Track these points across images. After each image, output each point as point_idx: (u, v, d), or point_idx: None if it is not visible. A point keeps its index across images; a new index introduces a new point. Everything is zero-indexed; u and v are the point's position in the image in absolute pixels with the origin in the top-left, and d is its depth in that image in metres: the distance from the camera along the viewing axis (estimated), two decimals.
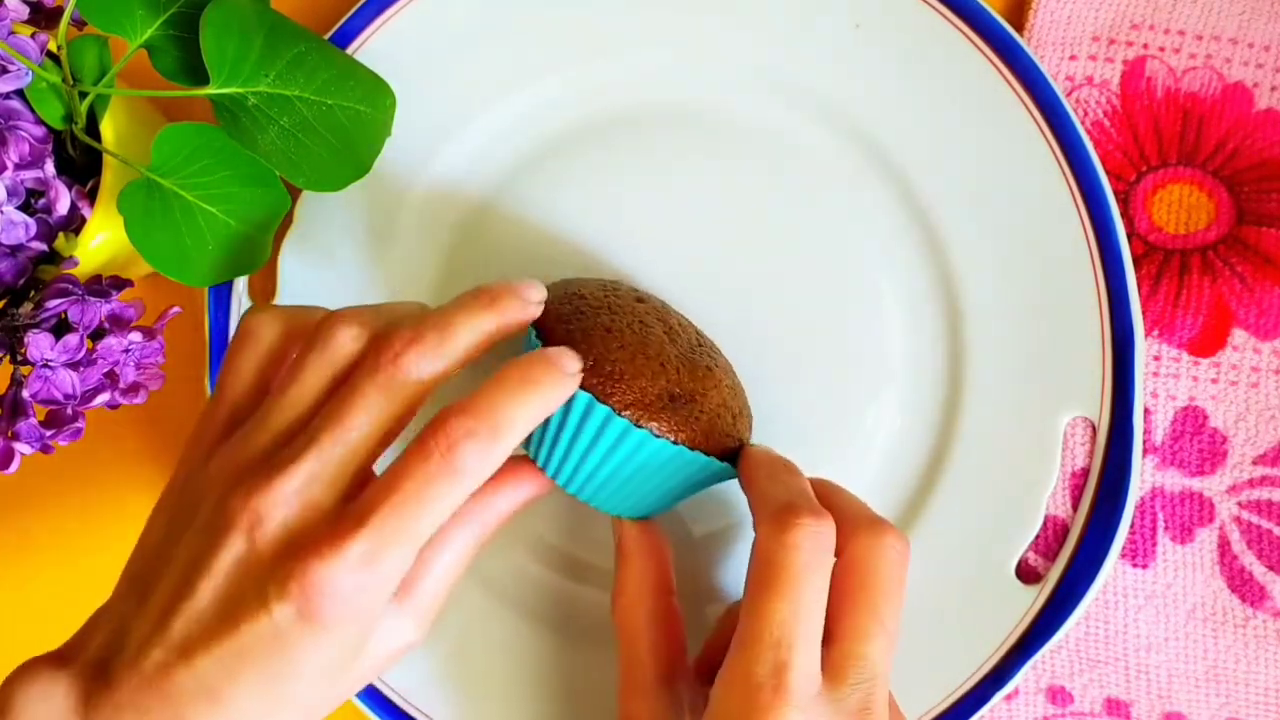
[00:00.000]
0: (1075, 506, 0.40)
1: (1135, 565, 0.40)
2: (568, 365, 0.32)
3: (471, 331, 0.31)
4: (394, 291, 0.41)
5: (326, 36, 0.40)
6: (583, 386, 0.32)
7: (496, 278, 0.41)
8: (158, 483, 0.43)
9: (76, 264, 0.35)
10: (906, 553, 0.32)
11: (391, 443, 0.31)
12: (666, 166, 0.41)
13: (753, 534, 0.32)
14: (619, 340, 0.34)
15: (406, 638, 0.31)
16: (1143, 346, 0.39)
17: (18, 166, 0.34)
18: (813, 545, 0.30)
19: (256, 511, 0.28)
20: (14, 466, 0.34)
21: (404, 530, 0.28)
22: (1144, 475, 0.41)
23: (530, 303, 0.33)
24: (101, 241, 0.36)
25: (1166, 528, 0.40)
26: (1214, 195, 0.41)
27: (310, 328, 0.32)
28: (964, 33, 0.40)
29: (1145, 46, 0.42)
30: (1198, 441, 0.41)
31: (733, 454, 0.35)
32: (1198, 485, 0.41)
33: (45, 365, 0.33)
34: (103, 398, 0.35)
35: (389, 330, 0.31)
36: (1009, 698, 0.41)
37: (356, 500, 0.29)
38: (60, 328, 0.34)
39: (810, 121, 0.41)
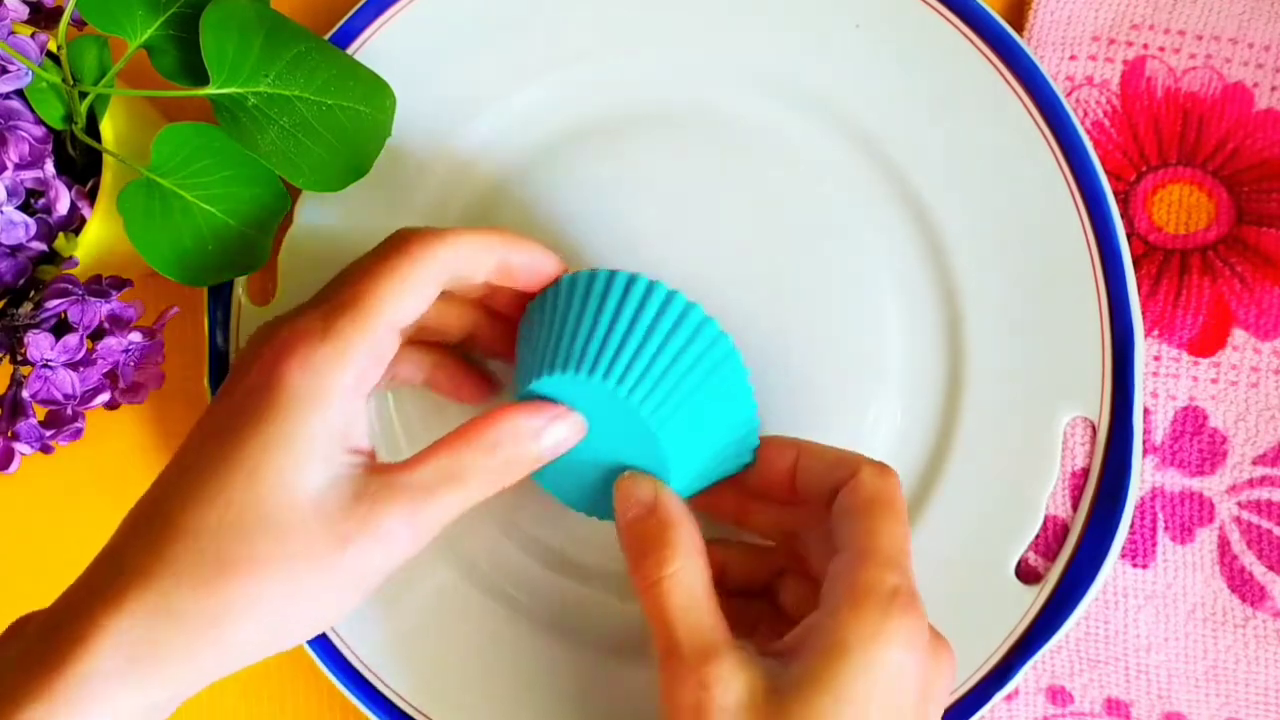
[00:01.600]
0: (1075, 506, 0.40)
1: (1135, 565, 0.41)
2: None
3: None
4: None
5: (326, 36, 0.40)
6: None
7: None
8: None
9: (76, 264, 0.35)
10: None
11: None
12: (665, 167, 0.41)
13: None
14: None
15: (400, 539, 0.31)
16: (1143, 346, 0.39)
17: (18, 166, 0.34)
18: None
19: None
20: (14, 466, 0.34)
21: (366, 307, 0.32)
22: (1144, 475, 0.41)
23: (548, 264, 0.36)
24: (101, 241, 0.36)
25: (1166, 528, 0.40)
26: (1214, 195, 0.41)
27: None
28: (964, 33, 0.40)
29: (1145, 46, 0.42)
30: (1198, 441, 0.41)
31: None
32: (1198, 485, 0.41)
33: (45, 365, 0.33)
34: (103, 398, 0.35)
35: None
36: (1009, 698, 0.41)
37: None
38: (60, 328, 0.34)
39: (809, 121, 0.41)
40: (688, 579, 0.32)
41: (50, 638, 0.29)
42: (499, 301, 0.37)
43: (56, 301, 0.34)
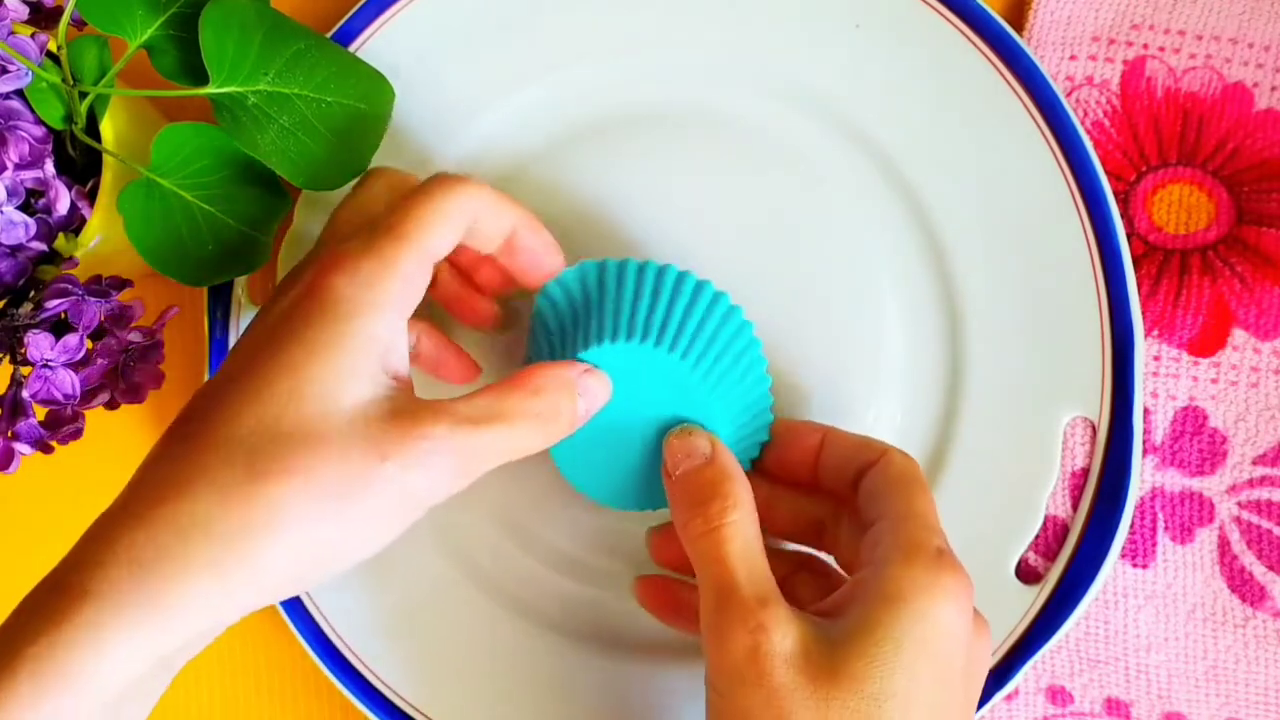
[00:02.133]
0: (1075, 506, 0.40)
1: (1135, 565, 0.40)
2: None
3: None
4: None
5: (327, 36, 0.40)
6: None
7: None
8: None
9: (76, 264, 0.35)
10: None
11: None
12: (665, 167, 0.41)
13: None
14: None
15: (442, 466, 0.30)
16: (1142, 346, 0.39)
17: (18, 166, 0.34)
18: None
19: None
20: (14, 466, 0.34)
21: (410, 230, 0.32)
22: (1144, 475, 0.41)
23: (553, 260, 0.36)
24: (101, 241, 0.36)
25: (1166, 528, 0.40)
26: (1214, 195, 0.41)
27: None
28: (964, 33, 0.40)
29: (1145, 46, 0.42)
30: (1198, 441, 0.41)
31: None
32: (1198, 485, 0.41)
33: (45, 365, 0.33)
34: (102, 398, 0.35)
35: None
36: (1009, 698, 0.41)
37: None
38: (60, 328, 0.34)
39: (809, 121, 0.41)
40: (746, 529, 0.32)
41: (70, 561, 0.28)
42: (465, 260, 0.37)
43: (56, 301, 0.34)
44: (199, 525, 0.27)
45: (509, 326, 0.40)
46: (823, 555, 0.37)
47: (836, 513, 0.36)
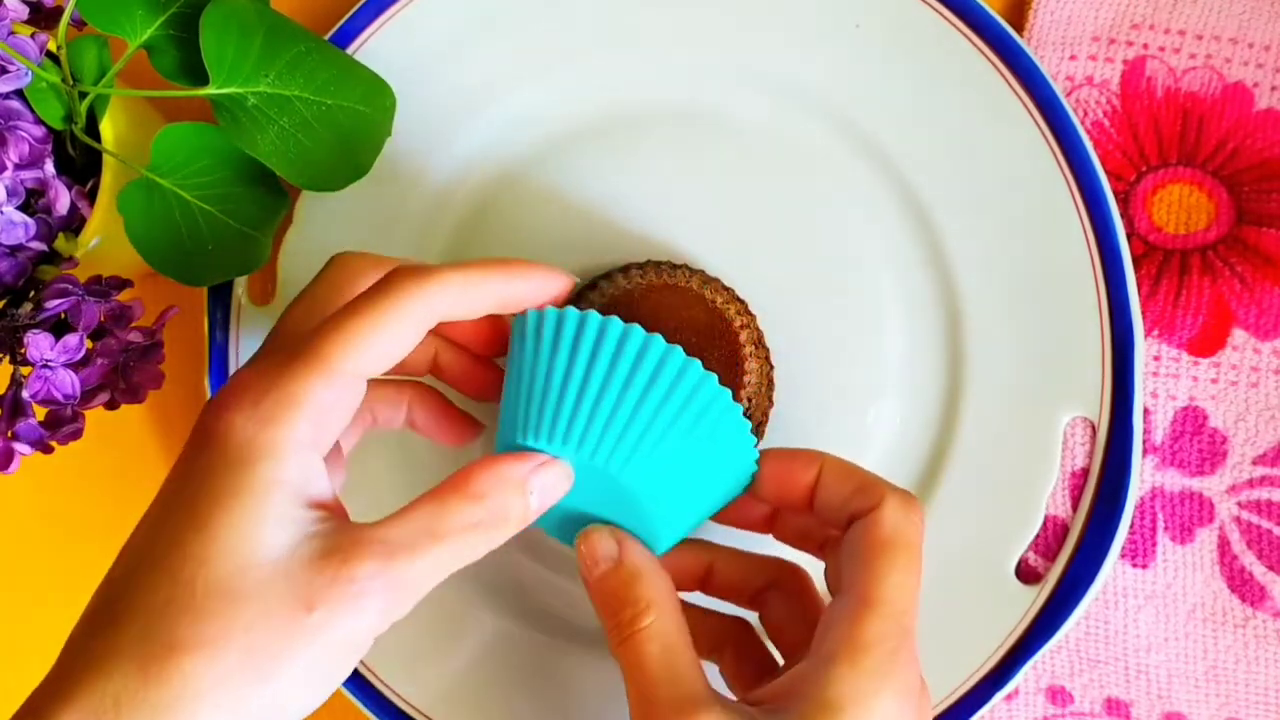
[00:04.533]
0: (1075, 506, 0.40)
1: (1135, 565, 0.40)
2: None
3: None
4: None
5: (326, 37, 0.40)
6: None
7: None
8: (157, 482, 0.43)
9: (76, 264, 0.35)
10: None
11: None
12: (664, 167, 0.41)
13: None
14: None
15: (374, 603, 0.27)
16: (1142, 346, 0.39)
17: (18, 166, 0.34)
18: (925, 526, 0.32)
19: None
20: (14, 467, 0.34)
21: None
22: (1144, 475, 0.41)
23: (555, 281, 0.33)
24: (101, 241, 0.36)
25: (1166, 528, 0.40)
26: (1214, 195, 0.41)
27: None
28: (964, 33, 0.40)
29: (1145, 46, 0.42)
30: (1198, 441, 0.41)
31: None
32: (1198, 485, 0.41)
33: (45, 365, 0.33)
34: (102, 398, 0.35)
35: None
36: (1009, 698, 0.41)
37: None
38: (60, 328, 0.34)
39: (808, 121, 0.41)
40: (663, 630, 0.31)
41: None
42: (457, 333, 0.35)
43: (56, 301, 0.34)
44: (121, 704, 0.26)
45: None
46: (760, 629, 0.35)
47: (833, 541, 0.34)
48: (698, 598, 0.35)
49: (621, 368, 0.30)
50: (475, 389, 0.35)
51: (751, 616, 0.35)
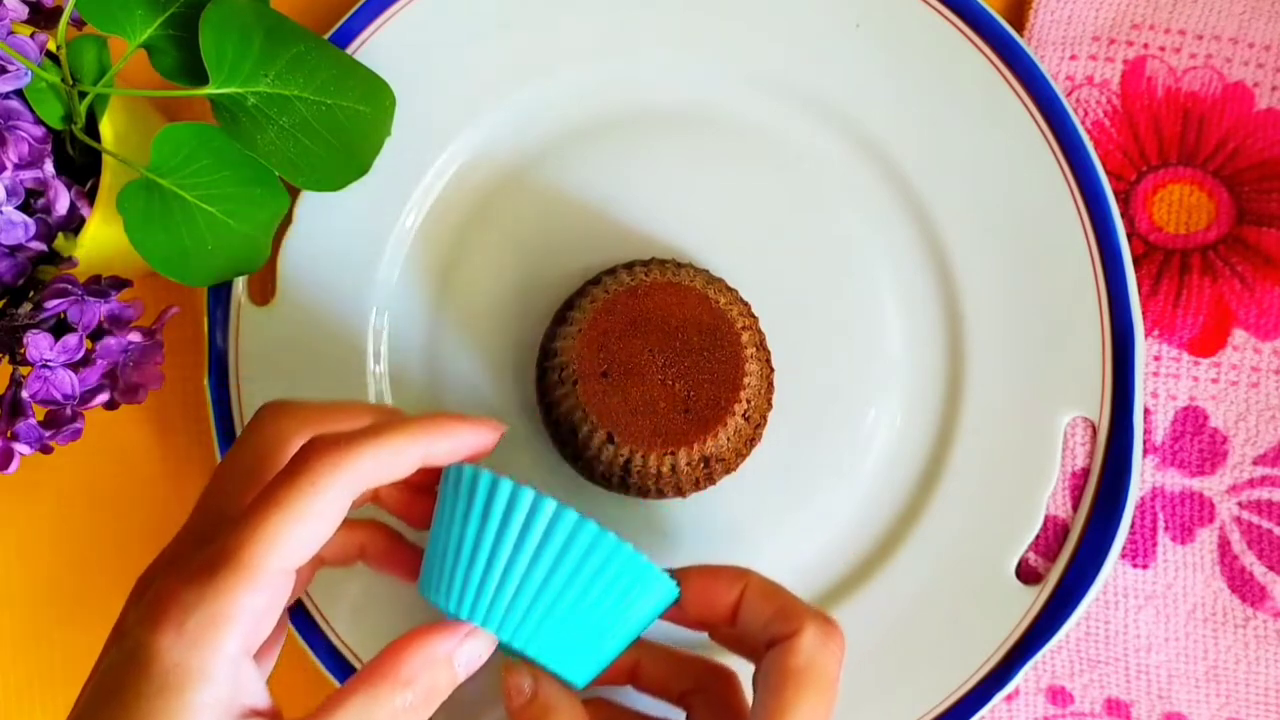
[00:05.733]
0: (1075, 506, 0.40)
1: (1135, 565, 0.40)
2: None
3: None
4: (394, 293, 0.41)
5: (326, 36, 0.40)
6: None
7: (496, 278, 0.41)
8: (157, 482, 0.43)
9: (76, 264, 0.35)
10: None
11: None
12: (665, 167, 0.41)
13: None
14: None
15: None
16: (1143, 346, 0.39)
17: (17, 166, 0.34)
18: (845, 656, 0.32)
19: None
20: (14, 467, 0.34)
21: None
22: (1144, 475, 0.41)
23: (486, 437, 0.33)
24: (101, 241, 0.36)
25: (1166, 528, 0.40)
26: (1214, 195, 0.41)
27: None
28: (964, 33, 0.40)
29: (1145, 46, 0.42)
30: (1198, 441, 0.41)
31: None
32: (1198, 485, 0.41)
33: (45, 365, 0.33)
34: (102, 398, 0.35)
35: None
36: (1009, 698, 0.41)
37: None
38: (59, 328, 0.34)
39: (810, 121, 0.41)
40: None
41: None
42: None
43: (56, 301, 0.34)
44: None
45: None
46: None
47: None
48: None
49: (528, 539, 0.30)
50: (417, 520, 0.34)
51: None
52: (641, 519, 0.40)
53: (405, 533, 0.35)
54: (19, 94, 0.34)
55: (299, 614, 0.40)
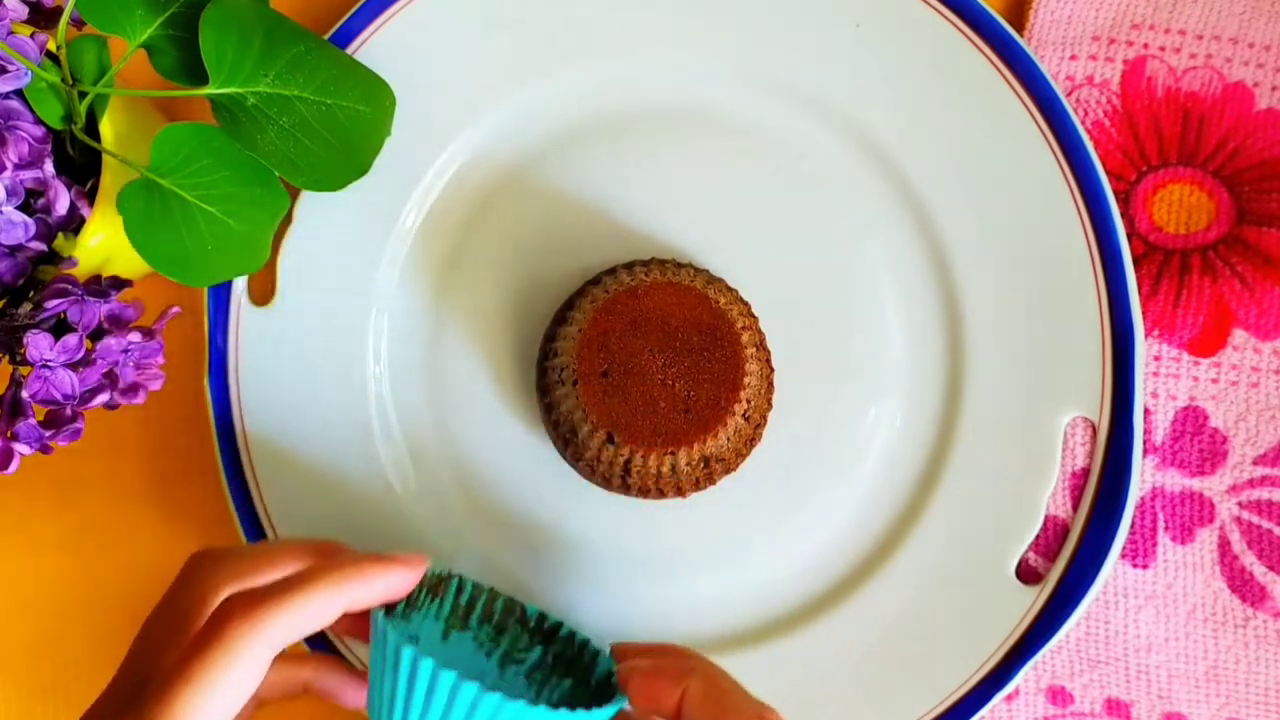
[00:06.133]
0: (1075, 506, 0.40)
1: (1135, 565, 0.40)
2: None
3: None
4: (394, 293, 0.41)
5: (326, 36, 0.40)
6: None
7: (496, 278, 0.41)
8: (157, 482, 0.43)
9: (76, 264, 0.35)
10: None
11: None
12: (665, 167, 0.41)
13: None
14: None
15: None
16: (1143, 346, 0.39)
17: (17, 166, 0.34)
18: None
19: None
20: (13, 467, 0.34)
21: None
22: (1144, 475, 0.40)
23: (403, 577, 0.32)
24: (101, 241, 0.36)
25: (1166, 528, 0.40)
26: (1214, 195, 0.41)
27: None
28: (964, 33, 0.40)
29: (1145, 46, 0.42)
30: (1198, 441, 0.41)
31: (603, 680, 0.33)
32: (1198, 485, 0.41)
33: (45, 365, 0.33)
34: (102, 398, 0.35)
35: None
36: (1009, 698, 0.41)
37: None
38: (59, 328, 0.34)
39: (808, 121, 0.41)
40: None
41: None
42: None
43: (56, 301, 0.34)
44: None
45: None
46: None
47: None
48: None
49: (434, 709, 0.30)
50: (366, 636, 0.34)
51: None
52: (642, 519, 0.40)
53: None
54: (19, 94, 0.34)
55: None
